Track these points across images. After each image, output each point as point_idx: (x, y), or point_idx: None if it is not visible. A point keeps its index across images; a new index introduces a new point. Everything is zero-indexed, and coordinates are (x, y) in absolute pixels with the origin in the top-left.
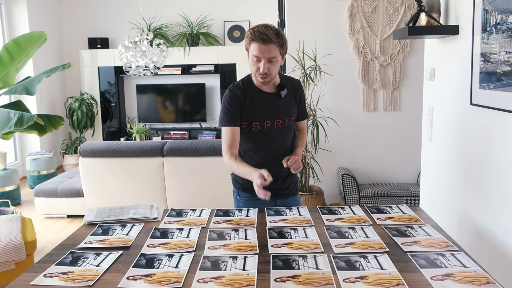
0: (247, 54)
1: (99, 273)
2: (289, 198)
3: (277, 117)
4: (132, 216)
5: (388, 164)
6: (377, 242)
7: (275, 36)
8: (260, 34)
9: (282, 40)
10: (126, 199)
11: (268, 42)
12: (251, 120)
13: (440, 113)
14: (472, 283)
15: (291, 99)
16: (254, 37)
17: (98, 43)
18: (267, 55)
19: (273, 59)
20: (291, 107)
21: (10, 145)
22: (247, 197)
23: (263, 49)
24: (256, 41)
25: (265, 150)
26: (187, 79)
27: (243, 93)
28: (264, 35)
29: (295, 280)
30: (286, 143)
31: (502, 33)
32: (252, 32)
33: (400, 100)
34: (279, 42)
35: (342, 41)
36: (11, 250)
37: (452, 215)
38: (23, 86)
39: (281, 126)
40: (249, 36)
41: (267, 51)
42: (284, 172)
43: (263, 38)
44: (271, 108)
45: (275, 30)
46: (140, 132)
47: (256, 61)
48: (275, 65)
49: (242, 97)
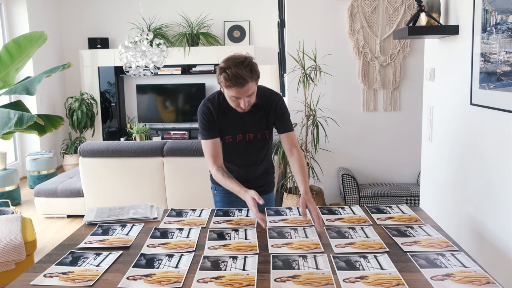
0: (221, 88)
1: (99, 273)
2: (264, 195)
3: (248, 131)
4: (132, 216)
5: (388, 164)
6: (377, 242)
7: (250, 74)
8: (236, 79)
9: (256, 74)
10: (126, 199)
11: (245, 84)
12: (223, 132)
13: (440, 113)
14: (472, 283)
15: (264, 114)
16: (231, 83)
17: (98, 43)
18: (246, 94)
19: (252, 94)
20: (263, 121)
21: (10, 145)
22: (224, 191)
23: (242, 91)
24: (233, 87)
25: (238, 159)
26: (187, 79)
27: (217, 106)
28: (241, 79)
29: (295, 280)
30: (258, 153)
31: (502, 33)
32: (226, 77)
33: (400, 100)
34: (254, 78)
35: (342, 41)
36: (11, 250)
37: (452, 215)
38: (23, 86)
39: (253, 139)
40: (224, 82)
41: (246, 91)
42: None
43: (240, 82)
44: (243, 123)
45: (247, 65)
46: (140, 132)
47: (235, 99)
48: (253, 96)
49: (216, 111)
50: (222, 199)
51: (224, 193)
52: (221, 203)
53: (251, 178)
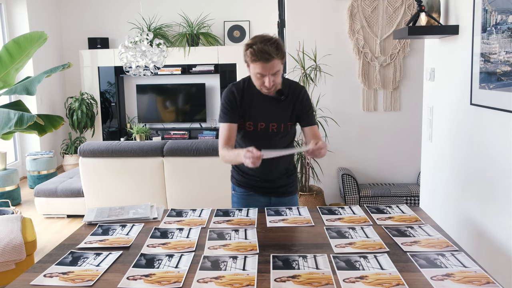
0: (247, 67)
1: (99, 273)
2: (284, 196)
3: (272, 121)
4: (132, 216)
5: (388, 164)
6: (377, 242)
7: (276, 51)
8: (262, 53)
9: (282, 52)
10: (126, 199)
11: (271, 60)
12: (246, 119)
13: (440, 113)
14: (472, 283)
15: (289, 104)
16: (257, 58)
17: (98, 43)
18: (271, 71)
19: (277, 72)
20: (288, 111)
21: (10, 145)
22: (242, 193)
23: (267, 67)
24: (258, 61)
25: None
26: (187, 79)
27: (242, 92)
28: (266, 54)
29: (295, 280)
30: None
31: (502, 33)
32: (253, 51)
33: (400, 100)
34: (280, 56)
35: (342, 41)
36: (11, 250)
37: (452, 215)
38: (23, 86)
39: (276, 130)
40: (250, 56)
41: (271, 68)
42: (279, 173)
43: (265, 57)
44: (267, 111)
45: (273, 42)
46: (140, 132)
47: (260, 77)
48: (279, 75)
49: (240, 96)
50: (239, 199)
51: (242, 194)
52: (238, 203)
53: (270, 177)
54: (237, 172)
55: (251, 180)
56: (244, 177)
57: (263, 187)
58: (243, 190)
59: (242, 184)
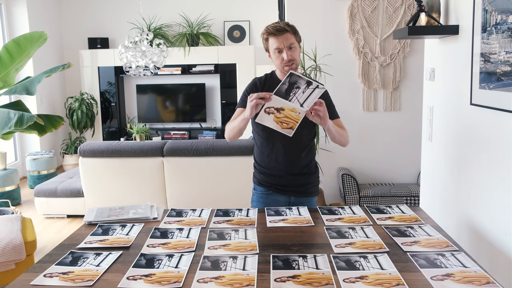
0: (268, 54)
1: (99, 273)
2: (304, 197)
3: None
4: (132, 216)
5: (388, 164)
6: (377, 242)
7: (286, 25)
8: (273, 27)
9: (293, 28)
10: (126, 199)
11: (283, 32)
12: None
13: (440, 113)
14: (472, 283)
15: None
16: (269, 32)
17: (98, 43)
18: (286, 43)
19: (292, 45)
20: None
21: (10, 145)
22: (262, 191)
23: (281, 39)
24: (272, 35)
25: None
26: (187, 79)
27: (264, 82)
28: (277, 26)
29: (295, 280)
30: (299, 144)
31: (502, 33)
32: (265, 30)
33: (400, 100)
34: (292, 29)
35: (342, 41)
36: (11, 250)
37: (452, 215)
38: (23, 86)
39: None
40: (265, 34)
41: (285, 39)
42: (302, 168)
43: (277, 29)
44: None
45: (284, 21)
46: (140, 132)
47: (279, 53)
48: (296, 51)
49: (261, 86)
50: (258, 198)
51: (262, 193)
52: (257, 202)
53: (289, 174)
54: (259, 170)
55: (274, 176)
56: (266, 175)
57: (284, 184)
58: (263, 189)
59: (262, 182)
